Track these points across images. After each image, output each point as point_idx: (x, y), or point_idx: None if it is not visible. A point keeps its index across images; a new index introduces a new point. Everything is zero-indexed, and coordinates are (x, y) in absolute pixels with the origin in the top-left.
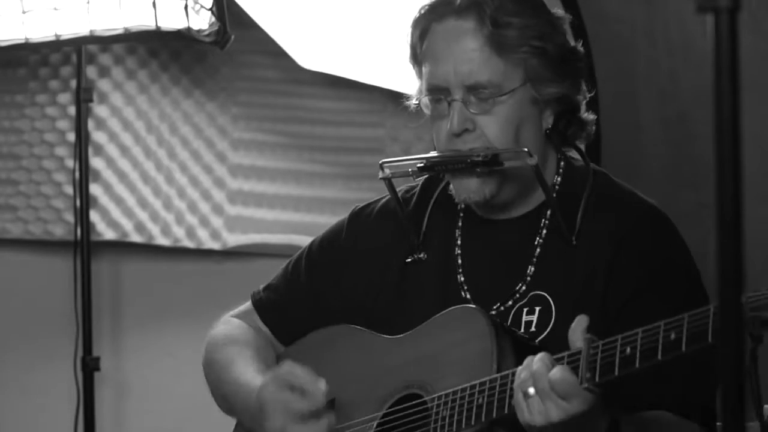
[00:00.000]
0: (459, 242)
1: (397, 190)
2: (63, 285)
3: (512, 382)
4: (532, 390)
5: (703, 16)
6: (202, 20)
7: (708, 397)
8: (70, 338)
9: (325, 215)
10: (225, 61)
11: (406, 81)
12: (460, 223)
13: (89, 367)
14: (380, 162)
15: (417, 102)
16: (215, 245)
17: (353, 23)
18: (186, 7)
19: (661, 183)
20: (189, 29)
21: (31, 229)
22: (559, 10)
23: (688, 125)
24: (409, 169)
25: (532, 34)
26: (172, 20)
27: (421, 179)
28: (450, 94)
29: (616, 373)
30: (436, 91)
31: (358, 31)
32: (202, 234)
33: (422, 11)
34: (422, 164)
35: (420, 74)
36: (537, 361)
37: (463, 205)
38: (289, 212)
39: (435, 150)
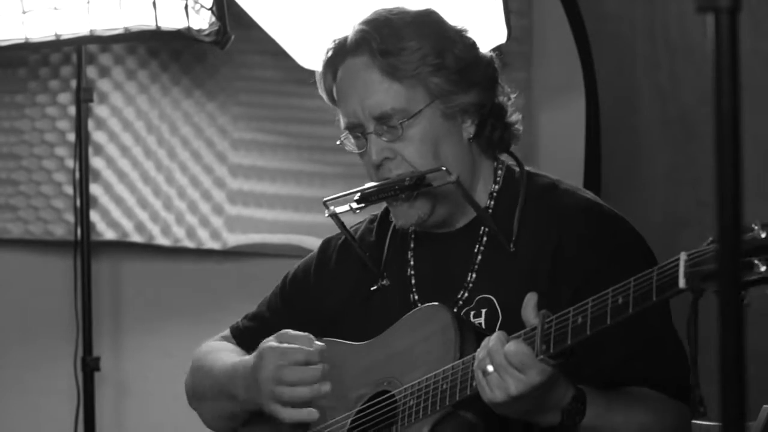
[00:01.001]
0: (411, 263)
1: (363, 219)
2: (63, 285)
3: (474, 365)
4: (490, 367)
5: (703, 16)
6: (202, 20)
7: (685, 377)
8: (70, 338)
9: (324, 215)
10: (225, 61)
11: None
12: (412, 245)
13: (89, 367)
14: (323, 200)
15: (341, 142)
16: (215, 245)
17: (353, 23)
18: (186, 7)
19: (661, 183)
20: (189, 29)
21: (31, 229)
22: (459, 25)
23: (688, 125)
24: (349, 204)
25: (426, 53)
26: (172, 20)
27: (368, 209)
28: (364, 128)
29: (569, 341)
30: (353, 128)
31: None
32: (202, 234)
33: (326, 56)
34: (357, 197)
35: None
36: (493, 338)
37: (413, 227)
38: (289, 212)
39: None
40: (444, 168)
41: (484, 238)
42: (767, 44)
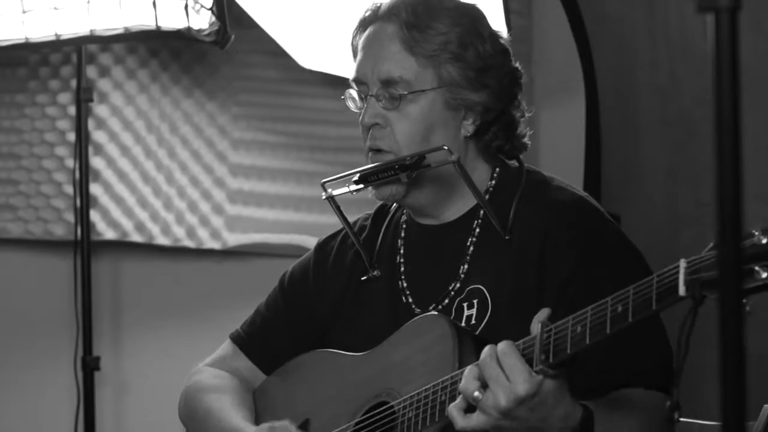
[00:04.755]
0: (401, 251)
1: (359, 217)
2: (63, 285)
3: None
4: (477, 393)
5: (703, 16)
6: (202, 20)
7: (665, 365)
8: (70, 338)
9: (325, 215)
10: (225, 61)
11: None
12: (402, 234)
13: (89, 366)
14: (321, 182)
15: (344, 97)
16: (215, 245)
17: (353, 23)
18: (186, 7)
19: (661, 183)
20: (189, 29)
21: (31, 229)
22: (500, 30)
23: (688, 125)
24: (347, 185)
25: (450, 40)
26: (172, 20)
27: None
28: (368, 89)
29: (569, 351)
30: (359, 84)
31: None
32: (202, 234)
33: (362, 16)
34: (356, 179)
35: None
36: (484, 352)
37: (405, 217)
38: (289, 212)
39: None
40: (446, 147)
41: (477, 230)
42: (767, 44)
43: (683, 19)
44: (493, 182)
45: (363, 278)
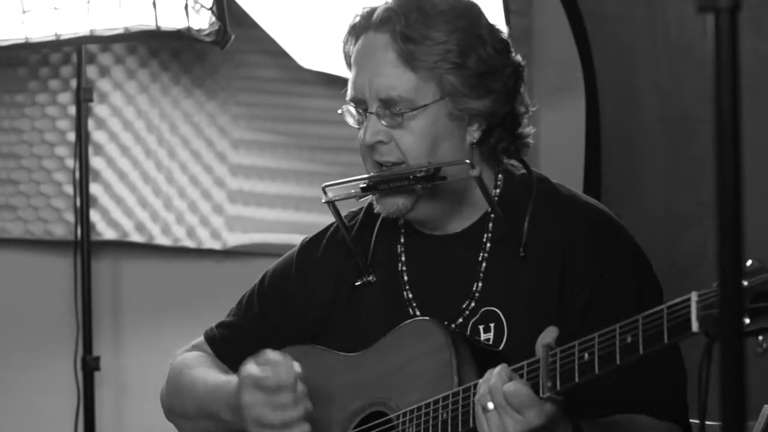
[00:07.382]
0: (403, 258)
1: (343, 215)
2: (63, 285)
3: (474, 395)
4: (490, 404)
5: (703, 16)
6: (202, 20)
7: (678, 394)
8: (70, 338)
9: (325, 215)
10: (225, 60)
11: None
12: (402, 239)
13: (89, 366)
14: (322, 186)
15: (341, 112)
16: (215, 245)
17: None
18: (186, 7)
19: (661, 183)
20: (189, 29)
21: (31, 229)
22: (498, 23)
23: (688, 125)
24: (352, 191)
25: (449, 49)
26: (172, 20)
27: (365, 200)
28: (367, 106)
29: (577, 379)
30: (357, 103)
31: None
32: (202, 234)
33: (353, 21)
34: (365, 185)
35: None
36: (494, 375)
37: (403, 221)
38: (290, 212)
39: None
40: (468, 161)
41: (488, 245)
42: (767, 44)
43: (683, 19)
44: (498, 190)
45: (357, 283)
